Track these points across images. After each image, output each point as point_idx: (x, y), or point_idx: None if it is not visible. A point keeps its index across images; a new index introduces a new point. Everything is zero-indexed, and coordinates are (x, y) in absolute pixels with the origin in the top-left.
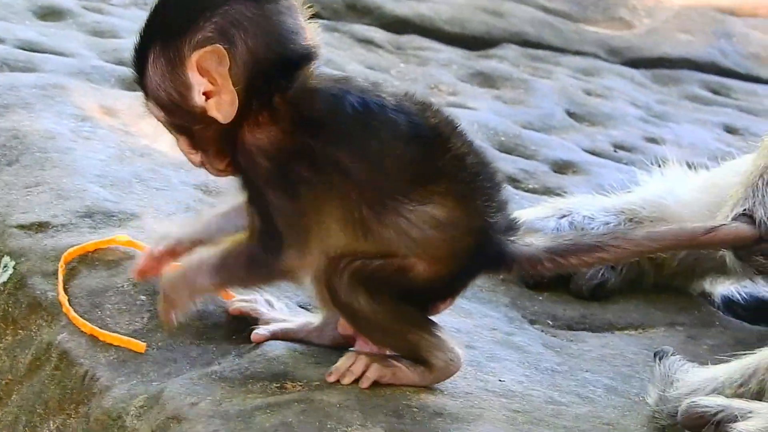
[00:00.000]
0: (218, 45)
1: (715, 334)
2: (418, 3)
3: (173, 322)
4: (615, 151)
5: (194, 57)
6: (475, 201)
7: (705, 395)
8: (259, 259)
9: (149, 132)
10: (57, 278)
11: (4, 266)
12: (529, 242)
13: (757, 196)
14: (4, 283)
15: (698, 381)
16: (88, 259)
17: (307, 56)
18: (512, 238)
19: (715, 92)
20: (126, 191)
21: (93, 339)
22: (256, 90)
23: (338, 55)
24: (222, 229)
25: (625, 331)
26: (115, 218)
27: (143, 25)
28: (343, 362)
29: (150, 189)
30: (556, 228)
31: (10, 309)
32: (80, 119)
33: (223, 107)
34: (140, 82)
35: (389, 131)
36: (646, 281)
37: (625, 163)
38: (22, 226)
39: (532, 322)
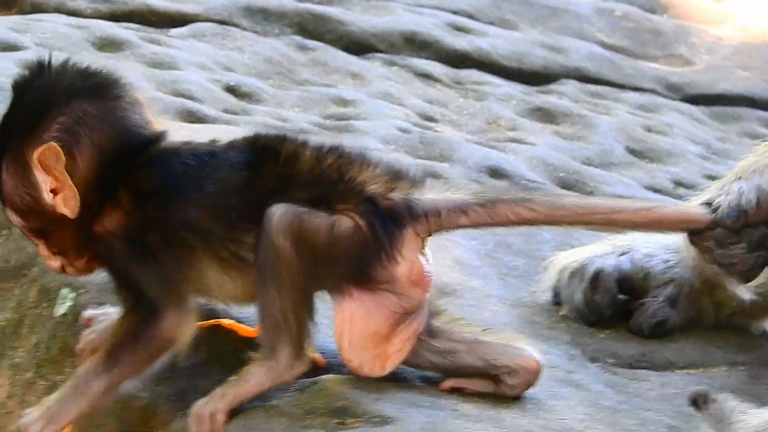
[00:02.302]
0: (52, 143)
1: None
2: (478, 37)
3: None
4: (675, 188)
5: (35, 156)
6: (325, 188)
7: None
8: (143, 333)
9: None
10: None
11: (63, 297)
12: (446, 196)
13: (723, 188)
14: (63, 315)
15: (759, 423)
16: None
17: (151, 143)
18: (416, 196)
19: None
20: None
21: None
22: (105, 181)
23: (396, 89)
24: None
25: (686, 370)
26: None
27: None
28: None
29: None
30: (616, 265)
31: (68, 341)
32: None
33: (68, 202)
34: None
35: (221, 172)
36: (706, 319)
37: (685, 200)
38: None
39: (592, 360)
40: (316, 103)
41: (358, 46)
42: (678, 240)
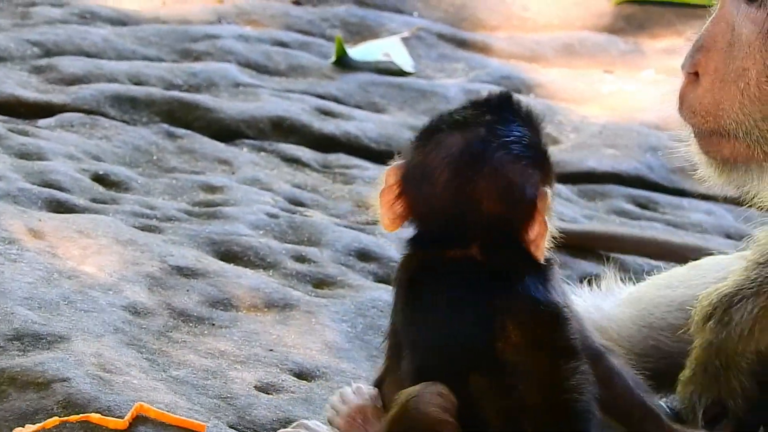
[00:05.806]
0: None
1: None
2: (345, 122)
3: None
4: None
5: None
6: None
7: None
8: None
9: (76, 254)
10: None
11: None
12: None
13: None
14: None
15: None
16: (18, 382)
17: None
18: None
19: (643, 206)
20: (54, 313)
21: None
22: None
23: (265, 175)
24: None
25: None
26: (43, 341)
27: None
28: None
29: (78, 311)
30: None
31: None
32: (7, 242)
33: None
34: None
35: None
36: None
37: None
38: None
39: None
40: (184, 190)
41: (227, 132)
42: None
